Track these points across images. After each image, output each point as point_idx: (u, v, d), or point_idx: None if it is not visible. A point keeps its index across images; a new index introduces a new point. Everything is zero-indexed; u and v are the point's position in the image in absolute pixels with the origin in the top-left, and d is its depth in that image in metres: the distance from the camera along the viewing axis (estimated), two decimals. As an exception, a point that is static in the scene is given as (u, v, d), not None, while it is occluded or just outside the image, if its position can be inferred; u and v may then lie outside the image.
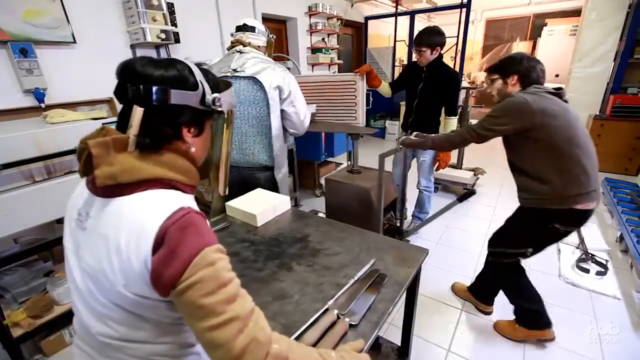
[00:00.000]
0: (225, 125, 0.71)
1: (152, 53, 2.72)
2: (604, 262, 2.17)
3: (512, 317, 1.64)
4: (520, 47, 8.17)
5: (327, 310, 0.83)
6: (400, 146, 1.74)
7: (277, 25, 4.34)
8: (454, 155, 3.73)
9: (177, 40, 2.76)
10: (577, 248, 2.34)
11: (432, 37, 2.14)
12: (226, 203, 1.43)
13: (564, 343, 1.62)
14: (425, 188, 2.61)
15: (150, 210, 0.54)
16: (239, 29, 1.62)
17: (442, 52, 2.23)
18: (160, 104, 0.56)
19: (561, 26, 6.80)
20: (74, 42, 2.16)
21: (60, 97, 2.11)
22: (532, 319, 1.58)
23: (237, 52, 1.58)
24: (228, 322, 0.50)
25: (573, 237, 2.48)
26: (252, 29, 1.60)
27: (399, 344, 1.33)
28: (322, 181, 3.15)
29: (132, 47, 2.54)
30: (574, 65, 4.05)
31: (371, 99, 4.69)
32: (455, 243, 2.51)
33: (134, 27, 2.39)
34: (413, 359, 1.45)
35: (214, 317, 0.50)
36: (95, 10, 2.28)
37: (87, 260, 0.57)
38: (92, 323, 0.59)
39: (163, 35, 2.52)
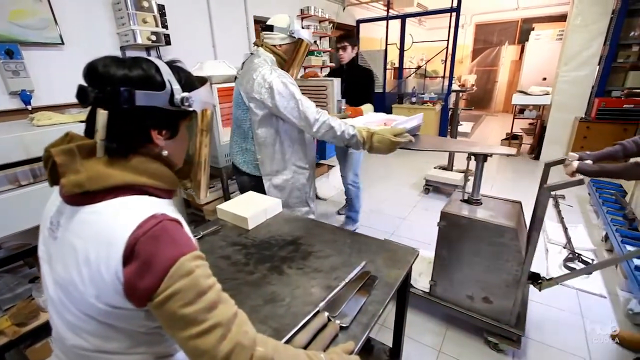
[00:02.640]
0: (203, 123, 0.68)
1: (142, 55, 2.69)
2: (590, 261, 2.22)
3: None
4: (508, 50, 8.33)
5: (317, 312, 0.83)
6: (580, 177, 1.32)
7: (269, 28, 4.34)
8: (444, 157, 3.79)
9: (168, 42, 2.73)
10: (564, 248, 2.39)
11: (351, 38, 2.52)
12: (217, 206, 1.42)
13: (552, 341, 1.65)
14: (354, 183, 2.61)
15: (120, 219, 0.52)
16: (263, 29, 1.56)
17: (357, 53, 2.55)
18: (125, 106, 0.53)
19: (548, 31, 6.96)
20: (62, 43, 2.13)
21: (48, 100, 2.08)
22: None
23: (251, 53, 1.56)
24: (210, 329, 0.50)
25: (560, 237, 2.54)
26: (270, 28, 1.50)
27: (391, 346, 1.33)
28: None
29: (122, 49, 2.52)
30: (561, 69, 4.14)
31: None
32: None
33: (124, 29, 2.37)
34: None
35: (196, 326, 0.49)
36: (84, 12, 2.26)
37: (58, 270, 0.56)
38: (66, 335, 0.57)
39: (154, 37, 2.50)
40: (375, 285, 0.93)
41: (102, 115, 0.53)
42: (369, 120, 1.77)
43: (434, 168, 3.66)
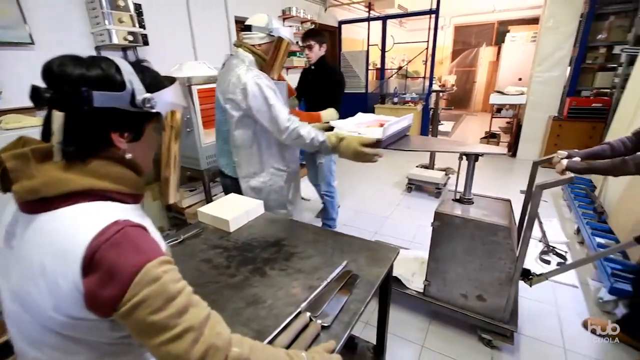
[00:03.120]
0: (169, 128, 0.64)
1: (118, 55, 2.62)
2: (564, 253, 2.32)
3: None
4: (486, 52, 8.58)
5: (299, 313, 0.83)
6: (570, 175, 1.35)
7: (251, 28, 4.31)
8: (425, 156, 3.87)
9: (146, 43, 2.67)
10: (540, 241, 2.48)
11: (318, 35, 2.33)
12: (198, 209, 1.40)
13: (529, 331, 1.71)
14: (327, 193, 2.54)
15: (78, 226, 0.49)
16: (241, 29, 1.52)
17: (325, 53, 2.37)
18: (82, 108, 0.51)
19: (522, 33, 7.22)
20: (32, 43, 2.05)
21: (17, 102, 1.99)
22: None
23: (231, 54, 1.52)
24: (182, 334, 0.49)
25: (536, 231, 2.64)
26: (248, 28, 1.46)
27: (375, 343, 1.35)
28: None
29: (97, 49, 2.44)
30: (535, 69, 4.31)
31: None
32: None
33: (99, 29, 2.30)
34: (389, 357, 1.49)
35: (167, 332, 0.48)
36: (56, 10, 2.18)
37: (14, 282, 0.53)
38: (27, 349, 0.55)
39: (130, 37, 2.44)
40: (357, 284, 0.95)
41: (58, 117, 0.51)
42: (359, 121, 1.78)
43: (416, 167, 3.73)
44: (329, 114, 2.23)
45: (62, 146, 0.51)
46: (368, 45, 5.54)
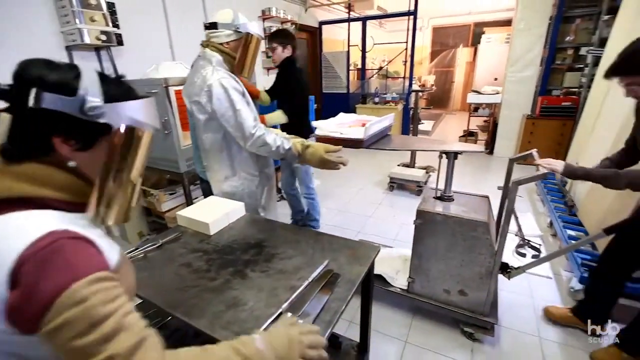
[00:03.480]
0: (127, 143, 0.58)
1: (92, 56, 2.54)
2: (538, 246, 2.40)
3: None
4: (463, 52, 8.83)
5: (280, 314, 0.83)
6: (544, 171, 1.35)
7: (230, 28, 4.26)
8: (406, 155, 3.94)
9: (121, 43, 2.60)
10: (516, 235, 2.57)
11: (282, 37, 2.23)
12: (177, 213, 1.37)
13: (506, 322, 1.78)
14: (307, 195, 2.53)
15: (9, 236, 0.47)
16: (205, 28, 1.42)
17: (293, 55, 2.28)
18: (28, 107, 0.49)
19: (497, 34, 7.47)
20: (-4, 43, 1.95)
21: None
22: None
23: (198, 55, 1.45)
24: None
25: (512, 225, 2.74)
26: (214, 26, 1.37)
27: (359, 341, 1.37)
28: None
29: (68, 49, 2.35)
30: (508, 69, 4.46)
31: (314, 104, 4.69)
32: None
33: (69, 28, 2.22)
34: (372, 353, 1.51)
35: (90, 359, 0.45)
36: (21, 8, 2.08)
37: None
38: None
39: (104, 37, 2.37)
40: (338, 283, 0.95)
41: (4, 117, 0.50)
42: (342, 121, 1.79)
43: (397, 165, 3.79)
44: (274, 117, 2.18)
45: (2, 146, 0.50)
46: (349, 45, 5.59)
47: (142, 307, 1.52)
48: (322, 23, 5.79)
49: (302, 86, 2.28)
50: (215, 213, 1.31)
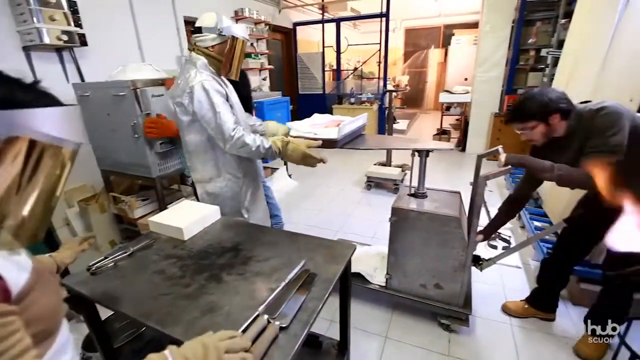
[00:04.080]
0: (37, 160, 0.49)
1: (53, 57, 2.41)
2: (508, 238, 2.54)
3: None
4: (435, 53, 9.10)
5: (257, 316, 0.83)
6: (507, 166, 1.41)
7: (202, 29, 4.17)
8: (382, 154, 4.01)
9: (84, 43, 2.48)
10: (487, 229, 2.69)
11: None
12: (149, 219, 1.33)
13: (480, 312, 1.85)
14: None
15: None
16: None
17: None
18: None
19: (466, 36, 7.76)
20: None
21: None
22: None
23: (185, 60, 1.46)
24: None
25: (484, 219, 2.86)
26: (199, 30, 1.40)
27: (339, 339, 1.38)
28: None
29: (26, 49, 2.22)
30: (477, 70, 4.65)
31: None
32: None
33: (26, 27, 2.09)
34: (354, 351, 1.53)
35: None
36: (-29, 6, 1.95)
37: None
38: None
39: (65, 37, 2.26)
40: (315, 282, 0.96)
41: None
42: (315, 122, 1.80)
43: (374, 164, 3.85)
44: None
45: None
46: (323, 46, 5.63)
47: (114, 318, 1.47)
48: (296, 24, 5.79)
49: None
50: (189, 218, 1.28)
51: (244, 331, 0.78)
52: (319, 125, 1.72)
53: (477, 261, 1.74)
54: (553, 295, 1.76)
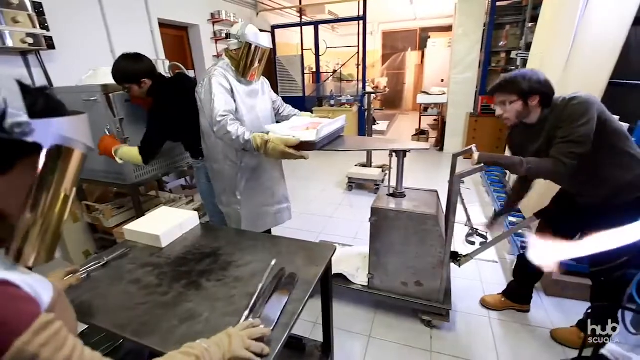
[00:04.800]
0: (57, 166, 0.49)
1: (17, 61, 2.30)
2: (485, 233, 2.62)
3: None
4: (412, 56, 9.31)
5: (238, 321, 0.82)
6: (480, 165, 1.43)
7: (178, 32, 4.10)
8: (363, 155, 4.06)
9: (52, 46, 2.39)
10: (465, 225, 2.77)
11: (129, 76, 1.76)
12: (124, 227, 1.29)
13: (461, 307, 1.90)
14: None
15: None
16: None
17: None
18: None
19: (441, 39, 7.99)
20: None
21: None
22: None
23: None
24: None
25: (462, 216, 2.95)
26: (228, 36, 1.63)
27: (322, 341, 1.38)
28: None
29: (-13, 53, 2.11)
30: (452, 72, 4.80)
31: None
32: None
33: (-13, 30, 1.99)
34: (338, 351, 1.54)
35: None
36: None
37: None
38: None
39: (30, 40, 2.16)
40: (296, 284, 0.96)
41: None
42: (294, 124, 1.78)
43: (355, 166, 3.89)
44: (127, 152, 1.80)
45: None
46: (302, 49, 5.64)
47: (89, 332, 1.41)
48: (274, 27, 5.78)
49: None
50: (166, 224, 1.25)
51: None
52: (298, 128, 1.72)
53: (455, 257, 1.79)
54: (528, 288, 1.84)
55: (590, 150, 1.24)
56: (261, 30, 1.64)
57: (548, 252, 1.59)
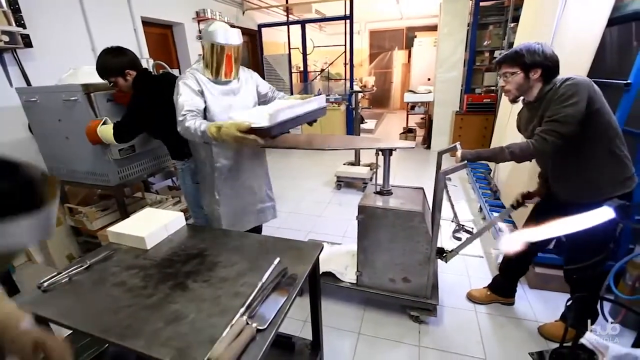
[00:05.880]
0: None
1: (-8, 59, 2.21)
2: (471, 229, 2.66)
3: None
4: (399, 55, 9.39)
5: (235, 320, 0.81)
6: (464, 161, 1.47)
7: (162, 30, 4.02)
8: (351, 153, 4.07)
9: (28, 44, 2.31)
10: (452, 221, 2.82)
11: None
12: (108, 229, 1.27)
13: (448, 302, 1.94)
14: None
15: None
16: None
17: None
18: None
19: (427, 38, 8.08)
20: None
21: None
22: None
23: None
24: None
25: (449, 212, 3.00)
26: (200, 37, 1.66)
27: (312, 339, 1.39)
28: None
29: (-41, 51, 2.02)
30: (437, 70, 4.87)
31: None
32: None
33: (-42, 27, 1.91)
34: (328, 349, 1.54)
35: None
36: None
37: None
38: None
39: (6, 38, 2.10)
40: (297, 285, 0.95)
41: None
42: (265, 110, 1.59)
43: (343, 164, 3.91)
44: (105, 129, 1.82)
45: None
46: (289, 48, 5.62)
47: (73, 337, 1.38)
48: (261, 26, 5.74)
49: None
50: (151, 226, 1.23)
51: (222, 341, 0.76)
52: (262, 113, 1.46)
53: (442, 253, 1.82)
54: (513, 282, 1.89)
55: (577, 136, 1.23)
56: (233, 27, 1.59)
57: (514, 239, 1.66)
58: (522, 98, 1.43)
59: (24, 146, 2.43)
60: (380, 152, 1.75)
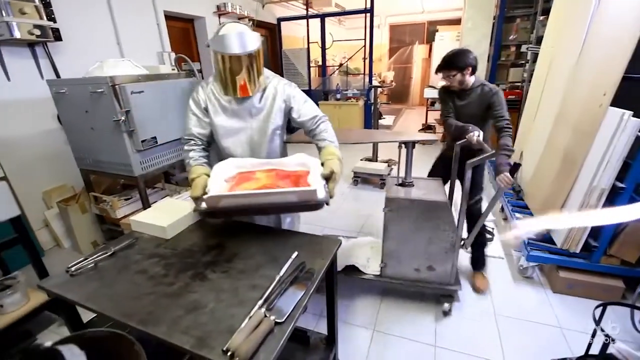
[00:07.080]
0: None
1: (25, 52, 2.31)
2: (491, 229, 2.60)
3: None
4: (419, 49, 9.18)
5: (254, 311, 0.82)
6: (491, 152, 1.57)
7: (184, 24, 4.08)
8: (369, 149, 4.03)
9: (58, 38, 2.40)
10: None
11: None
12: (131, 218, 1.30)
13: (465, 301, 1.89)
14: None
15: None
16: None
17: None
18: None
19: (449, 32, 7.85)
20: None
21: None
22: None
23: None
24: None
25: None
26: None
27: (327, 333, 1.39)
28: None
29: (-5, 44, 2.12)
30: (460, 66, 4.72)
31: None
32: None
33: (-5, 21, 2.00)
34: (342, 344, 1.54)
35: None
36: None
37: None
38: None
39: (37, 32, 2.17)
40: (315, 280, 0.95)
41: None
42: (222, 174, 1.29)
43: (361, 160, 3.87)
44: None
45: None
46: (308, 42, 5.59)
47: (97, 320, 1.43)
48: (280, 20, 5.74)
49: None
50: (172, 216, 1.25)
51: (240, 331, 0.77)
52: (235, 178, 1.25)
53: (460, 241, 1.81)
54: (479, 254, 2.04)
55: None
56: (253, 24, 1.51)
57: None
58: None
59: (53, 137, 2.54)
60: (403, 145, 1.74)
